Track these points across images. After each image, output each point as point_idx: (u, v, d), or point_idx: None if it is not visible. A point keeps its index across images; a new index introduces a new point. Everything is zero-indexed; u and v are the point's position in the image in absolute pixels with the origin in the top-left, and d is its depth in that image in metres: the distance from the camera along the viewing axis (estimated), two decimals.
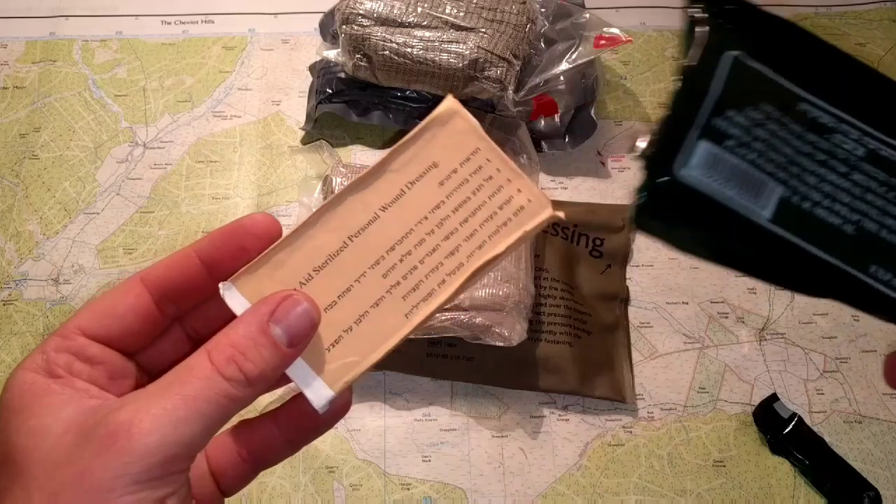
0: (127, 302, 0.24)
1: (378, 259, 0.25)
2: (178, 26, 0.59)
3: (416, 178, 0.25)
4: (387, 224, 0.25)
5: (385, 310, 0.25)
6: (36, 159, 0.54)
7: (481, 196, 0.25)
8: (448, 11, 0.51)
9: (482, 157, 0.25)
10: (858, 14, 0.59)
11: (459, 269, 0.25)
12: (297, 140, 0.55)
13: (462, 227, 0.25)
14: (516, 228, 0.25)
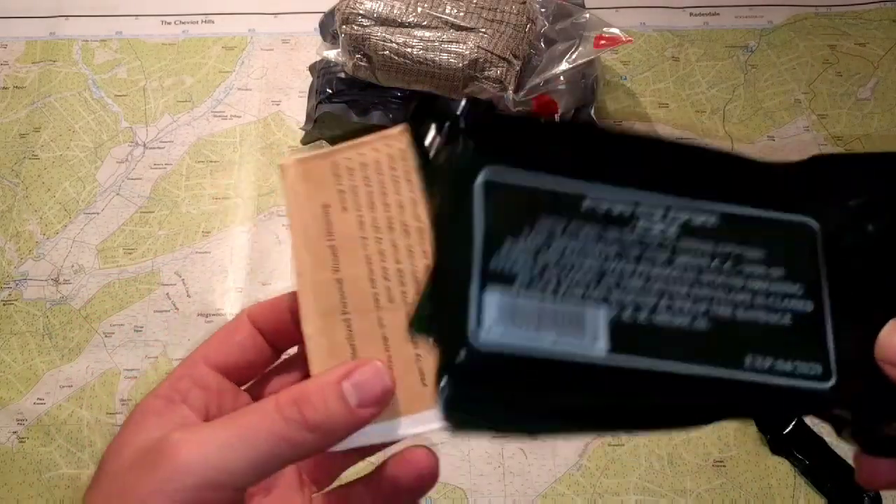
0: (243, 331, 0.27)
1: (373, 292, 0.26)
2: (178, 26, 0.59)
3: (327, 220, 0.27)
4: (349, 267, 0.26)
5: None
6: (36, 159, 0.54)
7: (377, 182, 0.26)
8: (448, 11, 0.51)
9: (347, 167, 0.27)
10: (858, 14, 0.59)
11: (422, 232, 0.26)
12: (297, 140, 0.55)
13: (392, 207, 0.26)
14: (406, 172, 0.26)
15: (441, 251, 0.22)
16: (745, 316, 0.21)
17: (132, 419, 0.24)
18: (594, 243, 0.21)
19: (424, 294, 0.22)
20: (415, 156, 0.24)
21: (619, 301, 0.21)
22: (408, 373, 0.25)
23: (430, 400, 0.22)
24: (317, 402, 0.23)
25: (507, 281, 0.20)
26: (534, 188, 0.21)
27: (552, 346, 0.20)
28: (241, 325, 0.27)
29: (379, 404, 0.24)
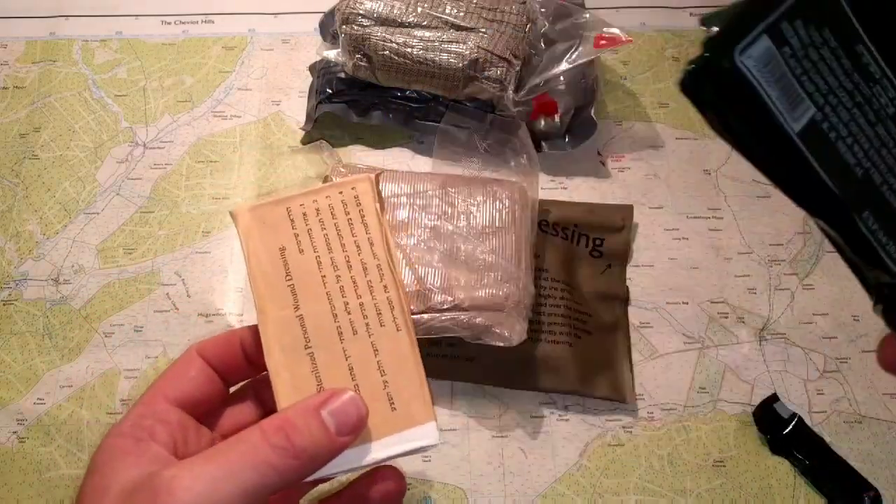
0: (197, 366, 0.28)
1: (336, 326, 0.27)
2: (177, 26, 0.59)
3: (284, 261, 0.28)
4: (309, 304, 0.27)
5: (384, 347, 0.27)
6: (36, 159, 0.54)
7: (332, 226, 0.28)
8: (448, 11, 0.51)
9: (301, 213, 0.29)
10: None
11: (381, 268, 0.28)
12: (297, 140, 0.55)
13: (348, 248, 0.28)
14: (368, 209, 0.28)
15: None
16: (885, 192, 0.28)
17: (101, 460, 0.24)
18: (842, 73, 0.27)
19: (726, 13, 0.26)
20: (374, 200, 0.28)
21: (827, 115, 0.27)
22: (376, 399, 0.26)
23: (402, 422, 0.27)
24: (302, 428, 0.24)
25: (781, 43, 0.26)
26: (841, 10, 0.27)
27: (772, 99, 0.26)
28: (192, 361, 0.28)
29: (355, 431, 0.25)
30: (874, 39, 0.27)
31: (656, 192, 0.53)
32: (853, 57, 0.27)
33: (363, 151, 0.55)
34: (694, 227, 0.52)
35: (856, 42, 0.27)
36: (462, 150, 0.52)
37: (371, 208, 0.28)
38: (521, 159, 0.50)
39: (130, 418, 0.26)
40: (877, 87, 0.28)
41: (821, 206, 0.27)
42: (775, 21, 0.26)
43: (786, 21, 0.26)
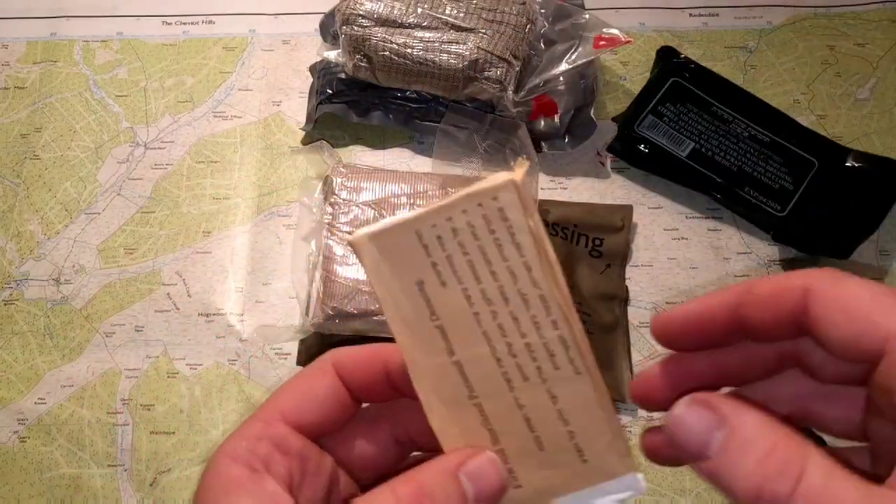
0: (325, 384, 0.24)
1: (502, 371, 0.23)
2: (178, 27, 0.59)
3: (425, 297, 0.23)
4: (466, 348, 0.23)
5: (563, 393, 0.23)
6: (37, 159, 0.55)
7: (476, 250, 0.23)
8: (448, 12, 0.51)
9: (435, 235, 0.23)
10: (857, 15, 0.59)
11: (545, 299, 0.23)
12: (297, 140, 0.55)
13: (500, 276, 0.23)
14: (518, 226, 0.22)
15: (642, 93, 0.54)
16: (757, 175, 0.51)
17: (214, 494, 0.22)
18: (705, 122, 0.52)
19: (630, 104, 0.53)
20: (523, 213, 0.22)
21: (702, 144, 0.52)
22: (562, 451, 0.23)
23: (597, 475, 0.23)
24: (440, 499, 0.21)
25: (660, 116, 0.52)
26: (694, 93, 0.53)
27: (665, 142, 0.51)
28: (324, 376, 0.24)
29: (494, 499, 0.22)
30: (720, 101, 0.53)
31: (655, 192, 0.53)
32: (710, 112, 0.53)
33: (363, 151, 0.55)
34: (693, 228, 0.52)
35: (710, 105, 0.53)
36: (462, 151, 0.52)
37: (522, 224, 0.22)
38: (521, 159, 0.51)
39: (246, 437, 0.23)
40: (732, 124, 0.53)
41: (715, 191, 0.51)
42: (653, 107, 0.53)
43: (660, 105, 0.53)
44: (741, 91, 0.54)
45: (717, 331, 0.22)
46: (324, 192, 0.50)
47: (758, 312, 0.21)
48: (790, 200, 0.51)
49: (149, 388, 0.48)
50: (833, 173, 0.52)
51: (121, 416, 0.48)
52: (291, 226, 0.52)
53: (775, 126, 0.53)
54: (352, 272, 0.46)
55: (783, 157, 0.52)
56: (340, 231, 0.47)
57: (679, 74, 0.54)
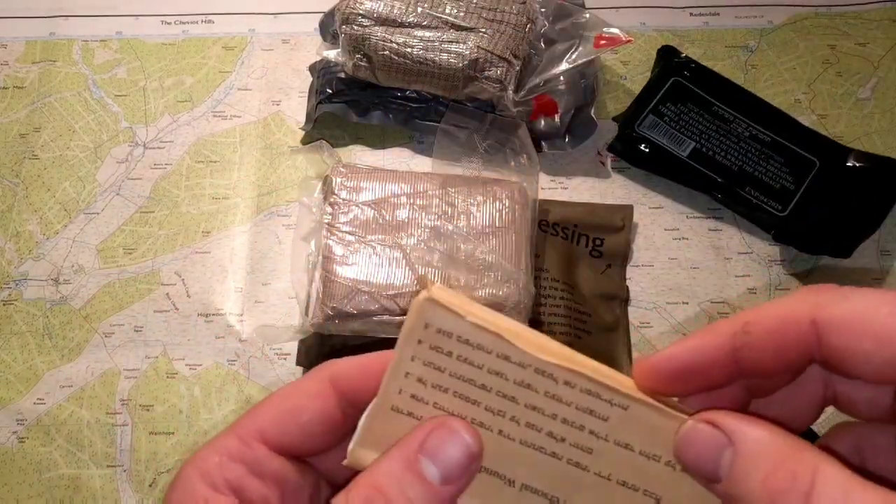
0: (313, 408, 0.21)
1: (564, 461, 0.21)
2: (177, 26, 0.59)
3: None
4: (519, 469, 0.21)
5: (633, 434, 0.21)
6: (36, 159, 0.54)
7: (452, 374, 0.21)
8: (448, 11, 0.51)
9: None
10: (858, 14, 0.59)
11: (543, 371, 0.21)
12: (297, 140, 0.55)
13: (488, 386, 0.21)
14: (464, 330, 0.21)
15: (643, 93, 0.53)
16: (758, 175, 0.51)
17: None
18: (706, 122, 0.52)
19: (631, 104, 0.53)
20: (458, 319, 0.21)
21: (703, 143, 0.51)
22: (674, 485, 0.21)
23: None
24: (394, 496, 0.19)
25: (661, 115, 0.52)
26: (695, 92, 0.53)
27: (665, 141, 0.51)
28: (312, 399, 0.22)
29: (467, 473, 0.20)
30: (721, 101, 0.53)
31: (656, 192, 0.53)
32: (711, 112, 0.52)
33: (363, 151, 0.55)
34: (694, 227, 0.52)
35: (711, 105, 0.53)
36: (462, 150, 0.52)
37: (466, 328, 0.20)
38: (521, 159, 0.50)
39: (220, 452, 0.20)
40: (733, 124, 0.52)
41: (715, 190, 0.51)
42: (654, 106, 0.52)
43: (660, 105, 0.52)
44: (742, 91, 0.54)
45: (711, 377, 0.20)
46: (323, 191, 0.49)
47: (759, 355, 0.19)
48: (791, 200, 0.51)
49: (148, 389, 0.48)
50: (834, 173, 0.51)
51: (120, 416, 0.47)
52: (291, 226, 0.52)
53: (776, 126, 0.53)
54: (351, 272, 0.45)
55: (784, 156, 0.52)
56: (340, 231, 0.47)
57: (680, 74, 0.53)
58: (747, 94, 0.53)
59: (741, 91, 0.54)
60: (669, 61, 0.54)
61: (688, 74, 0.53)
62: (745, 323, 0.19)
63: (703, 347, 0.20)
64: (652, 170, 0.52)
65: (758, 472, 0.17)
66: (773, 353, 0.19)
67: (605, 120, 0.55)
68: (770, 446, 0.18)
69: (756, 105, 0.53)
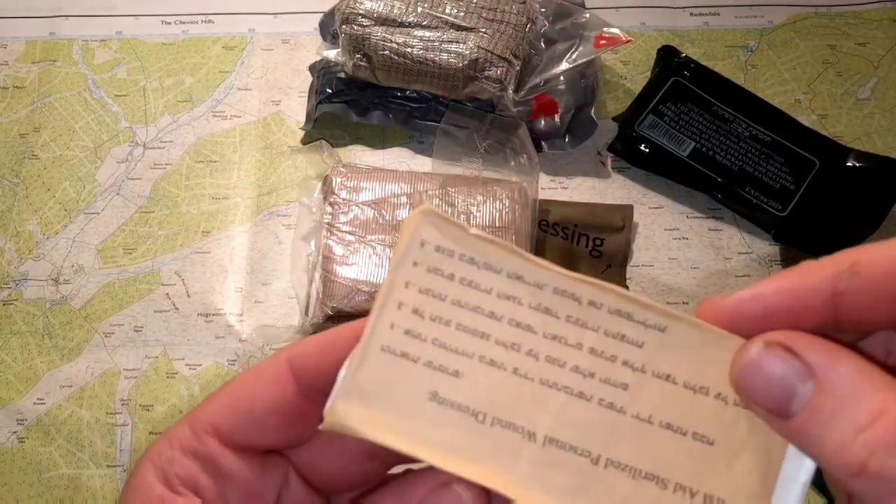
0: (268, 396, 0.18)
1: (595, 404, 0.17)
2: (177, 26, 0.59)
3: None
4: (542, 414, 0.17)
5: (673, 362, 0.17)
6: (36, 159, 0.54)
7: (455, 302, 0.18)
8: (448, 11, 0.51)
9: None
10: (858, 14, 0.59)
11: (563, 291, 0.18)
12: (296, 140, 0.55)
13: (498, 314, 0.18)
14: (466, 244, 0.18)
15: (643, 93, 0.53)
16: (758, 175, 0.51)
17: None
18: (706, 121, 0.52)
19: (631, 104, 0.53)
20: (458, 230, 0.17)
21: (703, 143, 0.51)
22: (731, 425, 0.17)
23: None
24: None
25: (660, 115, 0.52)
26: (695, 92, 0.53)
27: (665, 141, 0.51)
28: (267, 386, 0.19)
29: None
30: (721, 100, 0.53)
31: (656, 191, 0.53)
32: (711, 112, 0.52)
33: (363, 151, 0.55)
34: (694, 227, 0.52)
35: (711, 105, 0.52)
36: (462, 150, 0.52)
37: (469, 241, 0.17)
38: (521, 159, 0.50)
39: (174, 444, 0.18)
40: (733, 124, 0.52)
41: (715, 190, 0.51)
42: (654, 106, 0.52)
43: (661, 105, 0.52)
44: (742, 90, 0.54)
45: (801, 325, 0.16)
46: (323, 191, 0.49)
47: (868, 301, 0.16)
48: (791, 200, 0.51)
49: (148, 389, 0.48)
50: (834, 173, 0.51)
51: (120, 416, 0.47)
52: (291, 226, 0.52)
53: (776, 125, 0.53)
54: (351, 272, 0.45)
55: (784, 156, 0.52)
56: (340, 231, 0.47)
57: (680, 74, 0.53)
58: (747, 94, 0.53)
59: (741, 91, 0.54)
60: (669, 61, 0.54)
61: (688, 74, 0.53)
62: (853, 262, 0.16)
63: (797, 289, 0.16)
64: (652, 170, 0.52)
65: (849, 419, 0.14)
66: (888, 300, 0.15)
67: (605, 120, 0.55)
68: (866, 388, 0.15)
69: (756, 105, 0.53)
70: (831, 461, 0.15)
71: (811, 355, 0.15)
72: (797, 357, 0.15)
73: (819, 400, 0.15)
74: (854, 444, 0.14)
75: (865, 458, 0.14)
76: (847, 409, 0.14)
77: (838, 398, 0.15)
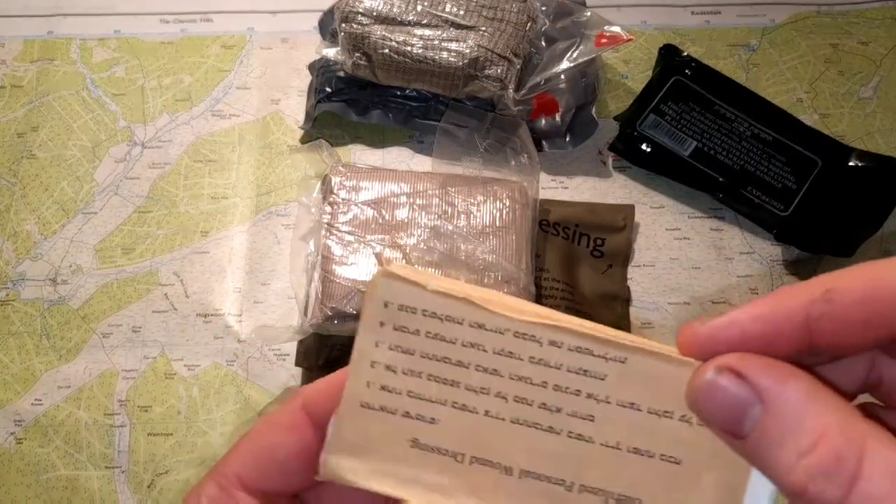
0: (289, 443, 0.20)
1: (564, 436, 0.19)
2: (176, 25, 0.59)
3: None
4: (513, 450, 0.19)
5: (635, 390, 0.18)
6: (34, 159, 0.54)
7: (423, 354, 0.19)
8: (448, 10, 0.51)
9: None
10: (861, 13, 0.58)
11: (523, 334, 0.19)
12: (296, 139, 0.55)
13: (465, 362, 0.19)
14: (427, 301, 0.19)
15: (644, 92, 0.53)
16: (759, 174, 0.51)
17: None
18: (708, 121, 0.52)
19: (629, 106, 0.53)
20: (419, 289, 0.19)
21: (705, 143, 0.51)
22: (694, 444, 0.18)
23: None
24: None
25: (662, 115, 0.52)
26: (697, 91, 0.53)
27: (664, 142, 0.51)
28: (286, 434, 0.20)
29: None
30: (722, 99, 0.52)
31: (657, 191, 0.53)
32: (713, 111, 0.52)
33: (362, 150, 0.54)
34: (695, 227, 0.52)
35: (712, 104, 0.52)
36: (462, 150, 0.51)
37: (429, 299, 0.18)
38: (521, 158, 0.50)
39: (197, 499, 0.19)
40: (735, 123, 0.52)
41: (717, 190, 0.50)
42: (655, 105, 0.52)
43: (662, 104, 0.52)
44: (744, 89, 0.53)
45: (776, 351, 0.17)
46: (322, 191, 0.49)
47: (841, 328, 0.16)
48: (793, 200, 0.50)
49: (146, 390, 0.48)
50: (836, 172, 0.51)
51: (118, 417, 0.47)
52: (290, 225, 0.52)
53: (778, 125, 0.52)
54: (350, 272, 0.45)
55: (786, 156, 0.51)
56: (339, 231, 0.46)
57: (681, 73, 0.53)
58: (749, 93, 0.53)
59: (743, 90, 0.53)
60: (671, 60, 0.54)
61: (689, 73, 0.53)
62: (826, 290, 0.16)
63: (772, 316, 0.16)
64: (653, 169, 0.52)
65: (793, 444, 0.15)
66: (860, 327, 0.15)
67: (606, 119, 0.54)
68: (810, 412, 0.15)
69: (758, 104, 0.53)
70: (779, 482, 0.15)
71: (760, 379, 0.16)
72: (746, 381, 0.16)
73: (767, 422, 0.15)
74: (797, 467, 0.15)
75: (805, 483, 0.14)
76: (791, 433, 0.15)
77: (784, 422, 0.15)
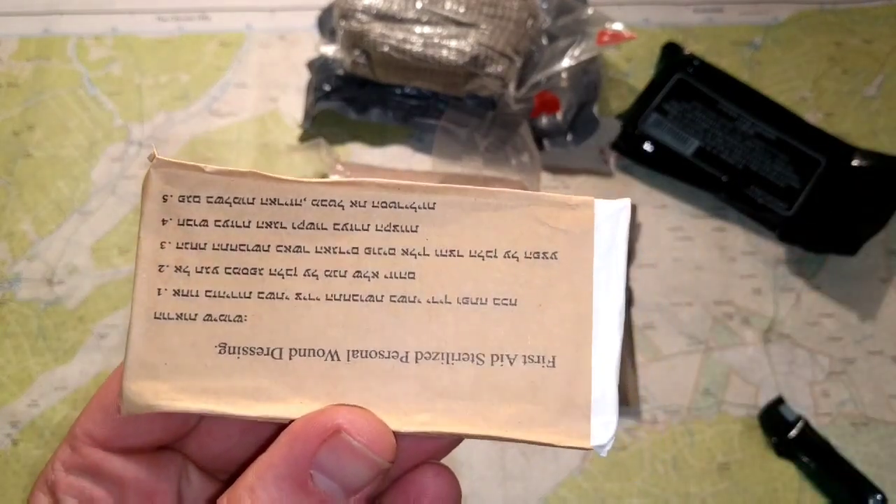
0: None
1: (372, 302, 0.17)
2: (173, 23, 0.58)
3: None
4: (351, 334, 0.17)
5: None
6: (30, 158, 0.54)
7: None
8: (448, 7, 0.50)
9: None
10: (864, 10, 0.58)
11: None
12: (294, 138, 0.54)
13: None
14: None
15: (647, 90, 0.52)
16: (763, 174, 0.50)
17: None
18: (711, 119, 0.51)
19: (632, 105, 0.52)
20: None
21: (707, 142, 0.50)
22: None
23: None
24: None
25: (664, 113, 0.51)
26: (700, 90, 0.52)
27: (669, 140, 0.50)
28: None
29: (380, 476, 0.16)
30: (725, 98, 0.51)
31: (660, 190, 0.52)
32: (715, 110, 0.51)
33: (362, 149, 0.54)
34: (698, 227, 0.52)
35: (715, 102, 0.51)
36: (462, 149, 0.51)
37: (210, 182, 0.17)
38: (522, 157, 0.50)
39: (56, 466, 0.19)
40: (738, 122, 0.51)
41: (720, 189, 0.50)
42: (657, 104, 0.51)
43: (664, 103, 0.51)
44: (747, 88, 0.53)
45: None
46: None
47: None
48: (797, 199, 0.50)
49: None
50: (840, 172, 0.51)
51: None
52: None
53: (781, 124, 0.52)
54: None
55: (789, 155, 0.51)
56: None
57: (684, 71, 0.53)
58: (752, 92, 0.53)
59: (746, 88, 0.53)
60: (673, 58, 0.53)
61: (692, 71, 0.53)
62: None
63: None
64: (655, 168, 0.52)
65: None
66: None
67: (607, 117, 0.54)
68: None
69: (761, 103, 0.52)
70: None
71: None
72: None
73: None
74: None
75: None
76: None
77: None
